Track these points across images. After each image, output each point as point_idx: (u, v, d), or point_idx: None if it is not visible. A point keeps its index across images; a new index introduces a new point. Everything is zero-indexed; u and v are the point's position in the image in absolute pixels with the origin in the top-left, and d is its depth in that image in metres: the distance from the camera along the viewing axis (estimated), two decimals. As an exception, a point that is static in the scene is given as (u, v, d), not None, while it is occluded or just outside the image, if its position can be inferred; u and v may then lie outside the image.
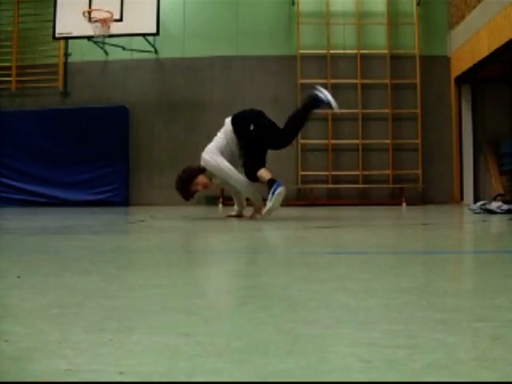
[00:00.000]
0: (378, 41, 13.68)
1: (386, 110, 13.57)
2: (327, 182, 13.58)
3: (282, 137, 6.75)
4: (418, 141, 13.53)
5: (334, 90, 13.43)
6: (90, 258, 2.73)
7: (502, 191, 12.03)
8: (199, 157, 7.51)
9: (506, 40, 10.21)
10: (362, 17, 13.65)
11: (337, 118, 13.57)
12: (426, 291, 1.78)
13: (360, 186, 13.55)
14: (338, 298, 1.64)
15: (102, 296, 1.68)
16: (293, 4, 13.63)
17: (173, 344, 1.13)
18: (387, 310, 1.46)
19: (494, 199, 8.87)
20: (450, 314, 1.40)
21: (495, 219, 6.43)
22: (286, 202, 13.16)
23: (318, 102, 6.60)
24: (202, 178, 6.94)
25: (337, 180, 13.63)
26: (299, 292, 1.74)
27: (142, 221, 6.69)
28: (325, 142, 13.62)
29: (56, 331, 1.24)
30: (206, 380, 0.92)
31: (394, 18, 13.63)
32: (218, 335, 1.20)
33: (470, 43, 12.14)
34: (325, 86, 13.34)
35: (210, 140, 13.30)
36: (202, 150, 13.09)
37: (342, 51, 13.67)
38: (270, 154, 13.37)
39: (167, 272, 2.24)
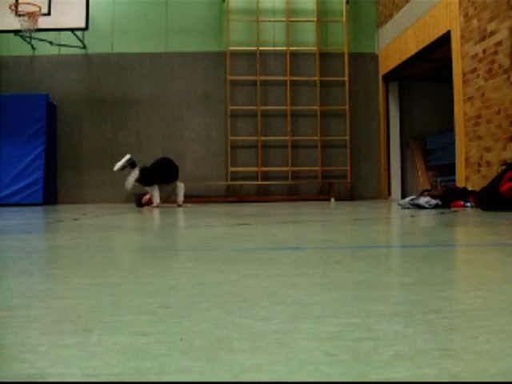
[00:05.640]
0: (308, 38, 13.82)
1: (315, 107, 13.73)
2: (257, 179, 13.64)
3: None
4: (347, 137, 13.75)
5: (263, 86, 13.51)
6: (28, 257, 2.66)
7: (428, 187, 12.36)
8: (128, 153, 8.09)
9: (433, 39, 10.49)
10: (291, 14, 13.75)
11: (266, 115, 13.65)
12: (373, 285, 1.81)
13: (289, 182, 13.66)
14: (289, 293, 1.65)
15: (50, 297, 1.63)
16: (223, 1, 13.62)
17: (135, 344, 1.11)
18: (341, 304, 1.47)
19: (421, 194, 9.11)
20: (403, 307, 1.43)
21: (425, 214, 6.60)
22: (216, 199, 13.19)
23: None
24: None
25: (266, 176, 13.71)
26: (250, 288, 1.74)
27: (75, 219, 6.55)
28: (254, 138, 13.67)
29: (10, 334, 1.19)
30: (176, 380, 0.91)
31: (323, 15, 13.80)
32: (179, 334, 1.18)
33: (397, 41, 12.42)
34: (254, 83, 13.45)
35: (139, 137, 13.20)
36: (131, 146, 13.02)
37: (271, 48, 13.75)
38: (200, 150, 13.37)
39: (111, 271, 2.20)
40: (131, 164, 10.24)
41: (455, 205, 7.89)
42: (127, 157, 10.29)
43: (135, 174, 10.19)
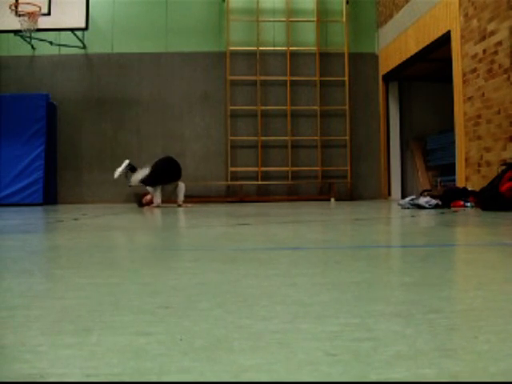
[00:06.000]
0: (308, 38, 13.82)
1: (315, 107, 13.73)
2: (257, 179, 13.64)
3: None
4: (347, 137, 13.75)
5: (263, 86, 13.51)
6: (28, 257, 2.66)
7: (428, 187, 12.36)
8: (128, 153, 8.35)
9: (433, 39, 10.50)
10: (291, 14, 13.75)
11: (266, 115, 13.65)
12: (373, 285, 1.81)
13: (289, 182, 13.66)
14: (289, 293, 1.65)
15: (50, 297, 1.63)
16: (223, 1, 13.62)
17: (135, 344, 1.11)
18: (341, 304, 1.47)
19: (421, 194, 9.11)
20: (403, 307, 1.43)
21: (425, 214, 6.60)
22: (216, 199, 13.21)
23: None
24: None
25: (266, 176, 13.71)
26: (250, 288, 1.74)
27: (75, 219, 6.55)
28: (254, 138, 13.67)
29: (10, 334, 1.19)
30: (176, 380, 0.91)
31: (323, 15, 13.80)
32: (179, 334, 1.18)
33: (397, 42, 12.42)
34: (254, 83, 13.45)
35: (139, 137, 13.22)
36: (131, 146, 13.03)
37: (271, 48, 13.75)
38: (199, 150, 13.37)
39: (111, 271, 2.20)
40: (131, 169, 10.25)
41: (455, 205, 7.89)
42: (126, 162, 10.30)
43: (139, 174, 10.26)
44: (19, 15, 11.34)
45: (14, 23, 11.44)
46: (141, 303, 1.52)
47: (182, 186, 10.36)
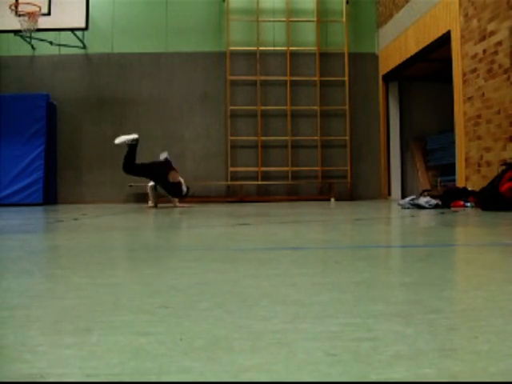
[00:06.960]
0: (308, 38, 13.81)
1: (315, 107, 13.72)
2: (257, 179, 13.63)
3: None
4: (347, 137, 13.74)
5: (263, 86, 13.49)
6: (28, 257, 2.65)
7: (428, 187, 12.35)
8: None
9: (433, 39, 10.50)
10: (291, 14, 13.75)
11: (266, 115, 13.64)
12: (373, 285, 1.81)
13: (289, 182, 13.65)
14: (289, 293, 1.64)
15: (50, 297, 1.63)
16: (223, 1, 13.62)
17: (135, 344, 1.11)
18: (341, 304, 1.47)
19: (421, 194, 9.11)
20: (403, 307, 1.43)
21: (425, 214, 6.60)
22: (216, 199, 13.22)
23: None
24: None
25: (266, 176, 13.70)
26: (250, 288, 1.74)
27: (75, 219, 6.55)
28: (254, 138, 13.66)
29: (10, 334, 1.19)
30: (176, 380, 0.91)
31: (323, 15, 13.79)
32: (179, 334, 1.18)
33: (397, 42, 12.42)
34: (254, 83, 13.44)
35: (139, 137, 13.22)
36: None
37: (271, 48, 13.74)
38: (199, 150, 13.37)
39: (111, 271, 2.20)
40: (131, 145, 9.83)
41: (455, 205, 7.89)
42: (134, 136, 9.92)
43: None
44: (19, 15, 11.33)
45: (14, 23, 11.43)
46: (141, 303, 1.52)
47: (181, 181, 10.13)
